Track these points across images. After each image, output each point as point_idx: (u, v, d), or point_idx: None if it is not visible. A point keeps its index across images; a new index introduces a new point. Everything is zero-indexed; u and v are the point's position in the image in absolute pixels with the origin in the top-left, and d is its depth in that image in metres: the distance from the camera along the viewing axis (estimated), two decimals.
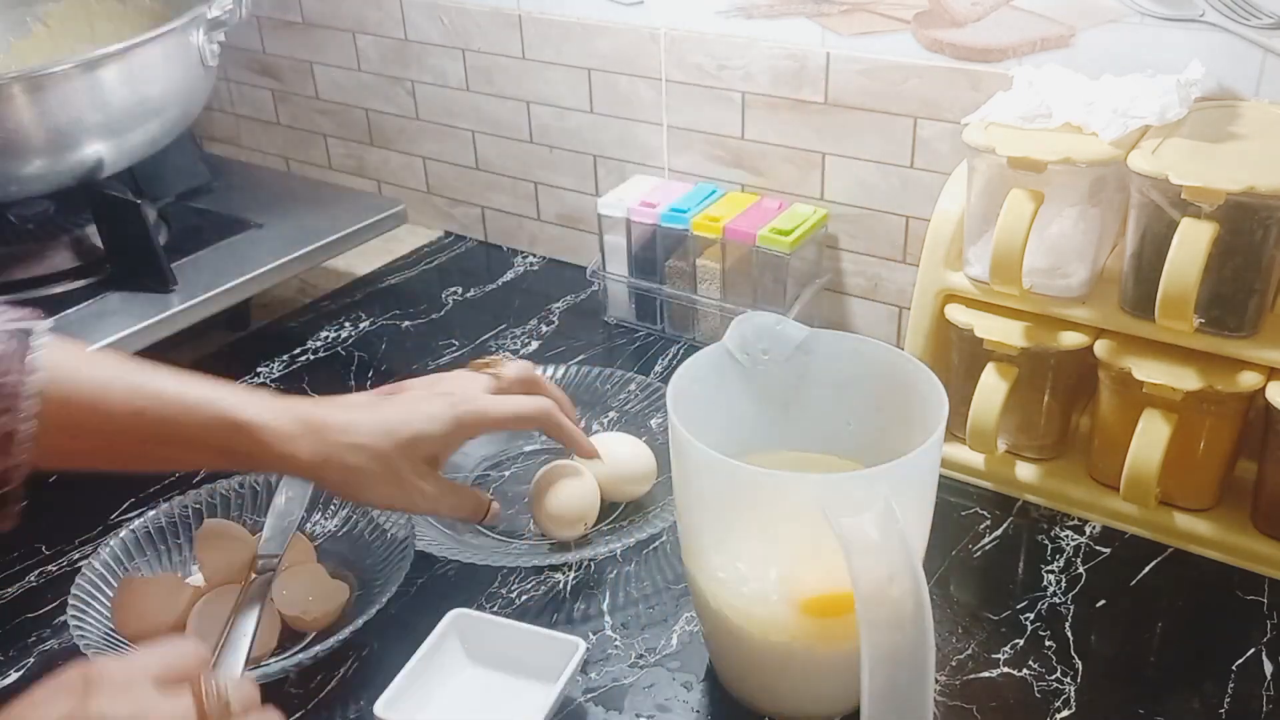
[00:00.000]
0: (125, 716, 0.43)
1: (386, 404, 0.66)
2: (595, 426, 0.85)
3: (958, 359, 0.79)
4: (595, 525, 0.76)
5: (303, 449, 0.61)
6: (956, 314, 0.77)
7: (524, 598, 0.70)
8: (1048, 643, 0.66)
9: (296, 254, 0.97)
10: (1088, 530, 0.75)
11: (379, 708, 0.59)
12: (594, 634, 0.67)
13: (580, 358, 0.96)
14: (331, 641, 0.63)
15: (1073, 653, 0.65)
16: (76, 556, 0.74)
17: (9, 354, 0.56)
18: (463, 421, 0.66)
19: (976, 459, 0.79)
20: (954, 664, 0.65)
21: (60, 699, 0.44)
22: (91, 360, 0.61)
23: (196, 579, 0.69)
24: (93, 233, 0.94)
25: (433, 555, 0.71)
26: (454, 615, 0.65)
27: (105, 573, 0.69)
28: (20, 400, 0.56)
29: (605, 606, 0.70)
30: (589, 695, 0.63)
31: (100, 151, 0.88)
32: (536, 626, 0.65)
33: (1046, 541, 0.74)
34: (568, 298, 1.07)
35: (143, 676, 0.45)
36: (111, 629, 0.66)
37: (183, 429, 0.60)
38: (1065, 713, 0.61)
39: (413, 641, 0.64)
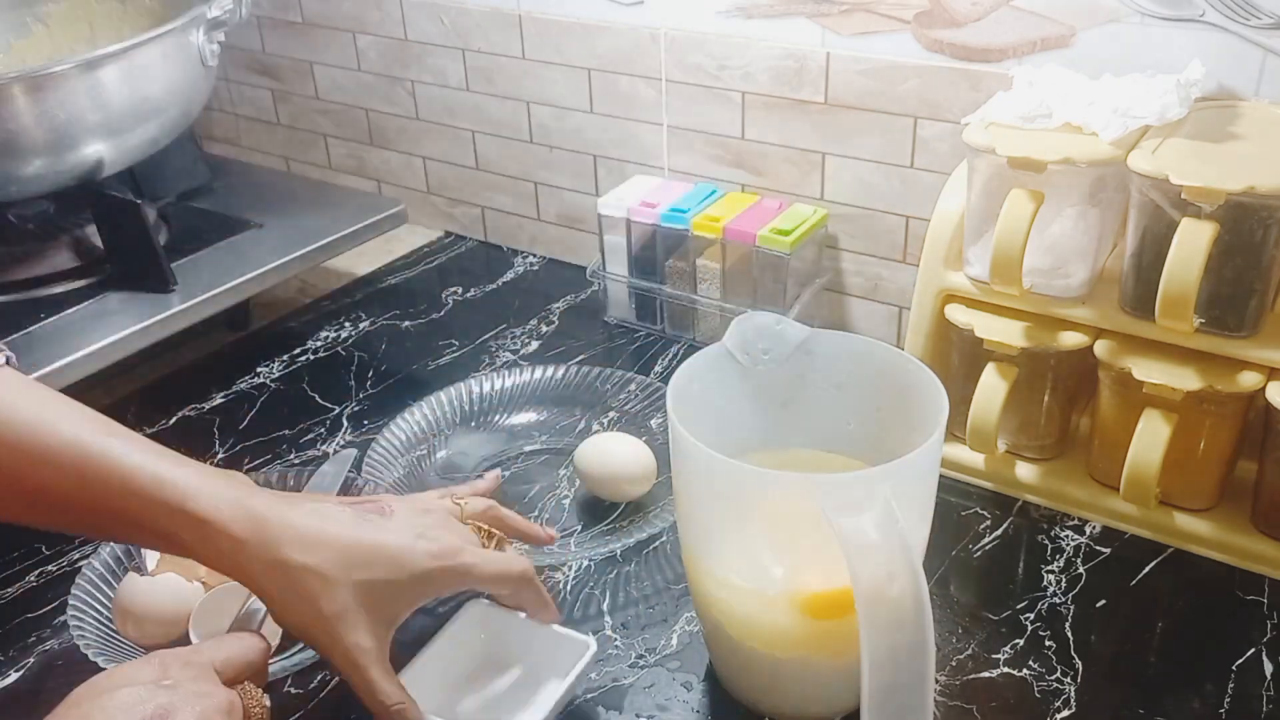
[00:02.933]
0: (194, 693, 0.48)
1: (357, 527, 0.57)
2: (595, 426, 0.85)
3: (958, 359, 0.79)
4: (595, 526, 0.76)
5: (250, 556, 0.54)
6: (956, 314, 0.77)
7: None
8: (1048, 643, 0.66)
9: (296, 254, 0.97)
10: (1088, 530, 0.75)
11: None
12: (594, 634, 0.67)
13: (580, 358, 0.96)
14: None
15: (1073, 653, 0.65)
16: (76, 556, 0.74)
17: None
18: (438, 579, 0.57)
19: (976, 459, 0.79)
20: (954, 664, 0.65)
21: (143, 670, 0.48)
22: (39, 408, 0.55)
23: (197, 587, 0.69)
24: (93, 233, 0.94)
25: None
26: (473, 605, 0.65)
27: (105, 573, 0.69)
28: None
29: (605, 606, 0.70)
30: (589, 695, 0.63)
31: (100, 151, 0.88)
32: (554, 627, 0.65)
33: (1046, 541, 0.74)
34: (568, 298, 1.07)
35: (208, 662, 0.50)
36: (112, 629, 0.65)
37: (127, 509, 0.54)
38: (1065, 713, 0.61)
39: (413, 641, 0.64)
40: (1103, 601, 0.69)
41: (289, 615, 0.55)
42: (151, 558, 0.69)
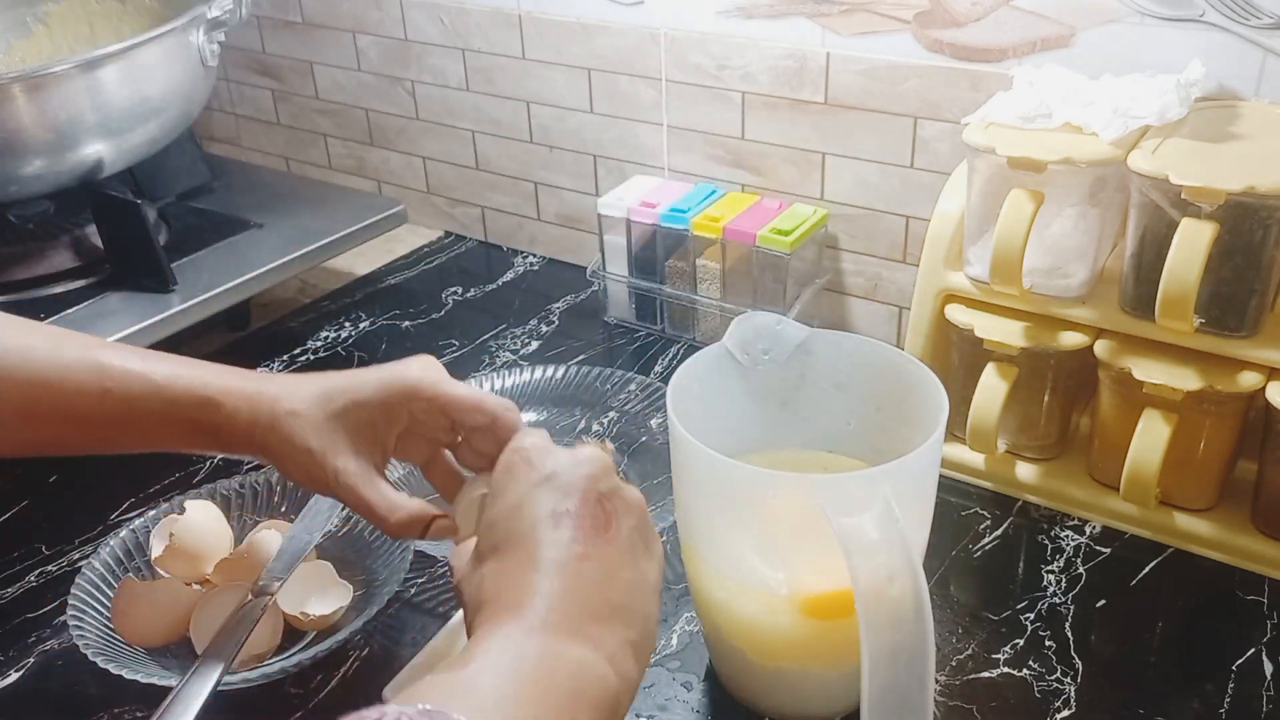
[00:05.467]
0: (567, 462, 0.50)
1: (323, 377, 0.60)
2: (595, 427, 0.85)
3: (958, 359, 0.79)
4: None
5: (255, 421, 0.58)
6: (956, 314, 0.77)
7: None
8: (1048, 643, 0.66)
9: (296, 254, 0.97)
10: (1088, 530, 0.75)
11: (388, 692, 0.59)
12: None
13: (580, 358, 0.96)
14: (330, 642, 0.63)
15: (1073, 653, 0.65)
16: (76, 556, 0.74)
17: None
18: (403, 389, 0.59)
19: (976, 459, 0.79)
20: (954, 664, 0.65)
21: (519, 474, 0.51)
22: (48, 340, 0.59)
23: (197, 588, 0.69)
24: (93, 233, 0.94)
25: (433, 555, 0.71)
26: None
27: (105, 573, 0.69)
28: None
29: None
30: None
31: (100, 151, 0.88)
32: None
33: (1046, 541, 0.74)
34: (568, 298, 1.07)
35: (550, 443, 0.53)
36: (111, 629, 0.66)
37: (149, 408, 0.58)
38: (1065, 713, 0.61)
39: (413, 641, 0.65)
40: (1103, 601, 0.69)
41: (292, 466, 0.58)
42: (156, 549, 0.69)
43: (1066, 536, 0.74)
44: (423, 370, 0.60)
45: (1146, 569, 0.72)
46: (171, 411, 0.58)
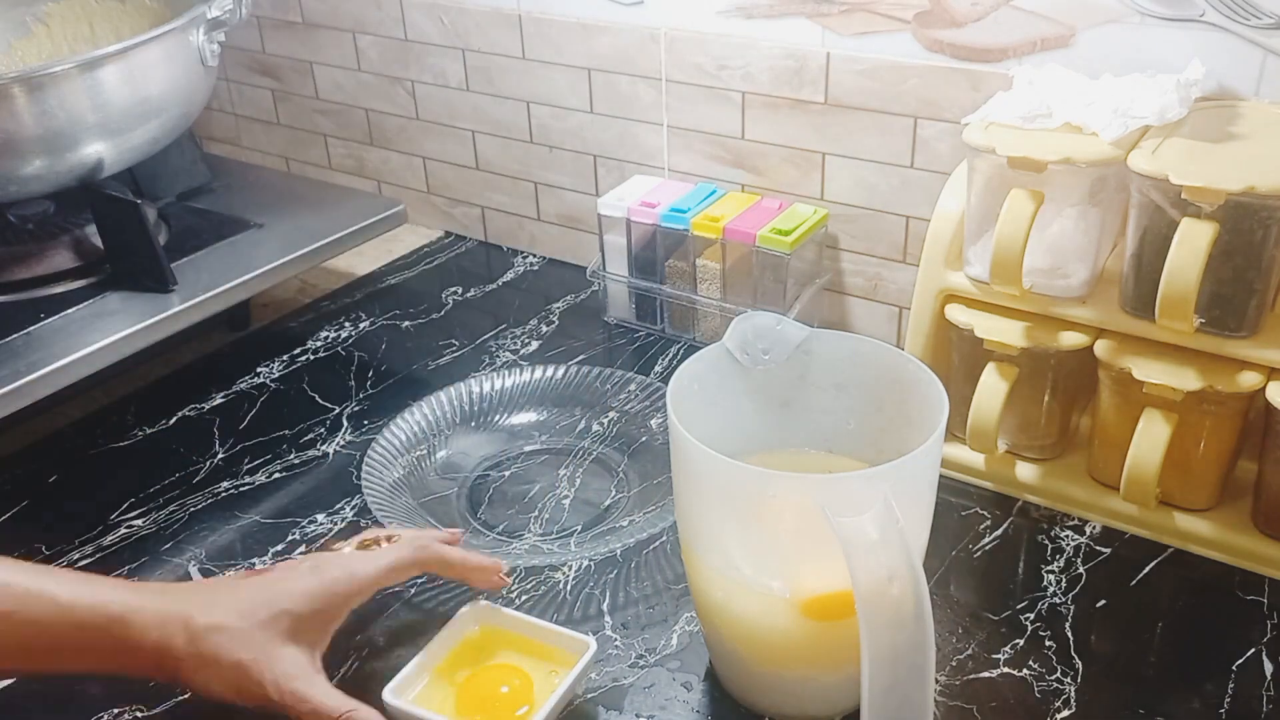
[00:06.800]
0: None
1: (247, 582, 0.59)
2: (595, 427, 0.85)
3: (958, 359, 0.79)
4: (595, 526, 0.76)
5: (176, 639, 0.55)
6: (956, 314, 0.77)
7: (524, 598, 0.70)
8: (1048, 643, 0.66)
9: (296, 254, 0.97)
10: (1088, 530, 0.75)
11: (387, 694, 0.59)
12: (594, 634, 0.67)
13: (580, 358, 0.96)
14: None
15: (1073, 653, 0.65)
16: (76, 556, 0.74)
17: None
18: (330, 593, 0.59)
19: (976, 459, 0.79)
20: (954, 664, 0.65)
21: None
22: None
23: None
24: (93, 233, 0.94)
25: None
26: (472, 605, 0.65)
27: None
28: None
29: (605, 606, 0.70)
30: (589, 695, 0.63)
31: (100, 151, 0.88)
32: (549, 623, 0.65)
33: (1046, 541, 0.74)
34: (568, 298, 1.07)
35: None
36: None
37: (59, 631, 0.55)
38: (1065, 713, 0.61)
39: (413, 641, 0.64)
40: (1103, 601, 0.69)
41: (218, 684, 0.56)
42: None
43: (1066, 536, 0.74)
44: (338, 572, 0.60)
45: (1146, 569, 0.72)
46: (80, 635, 0.55)
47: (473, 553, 0.66)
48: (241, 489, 0.80)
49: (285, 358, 0.98)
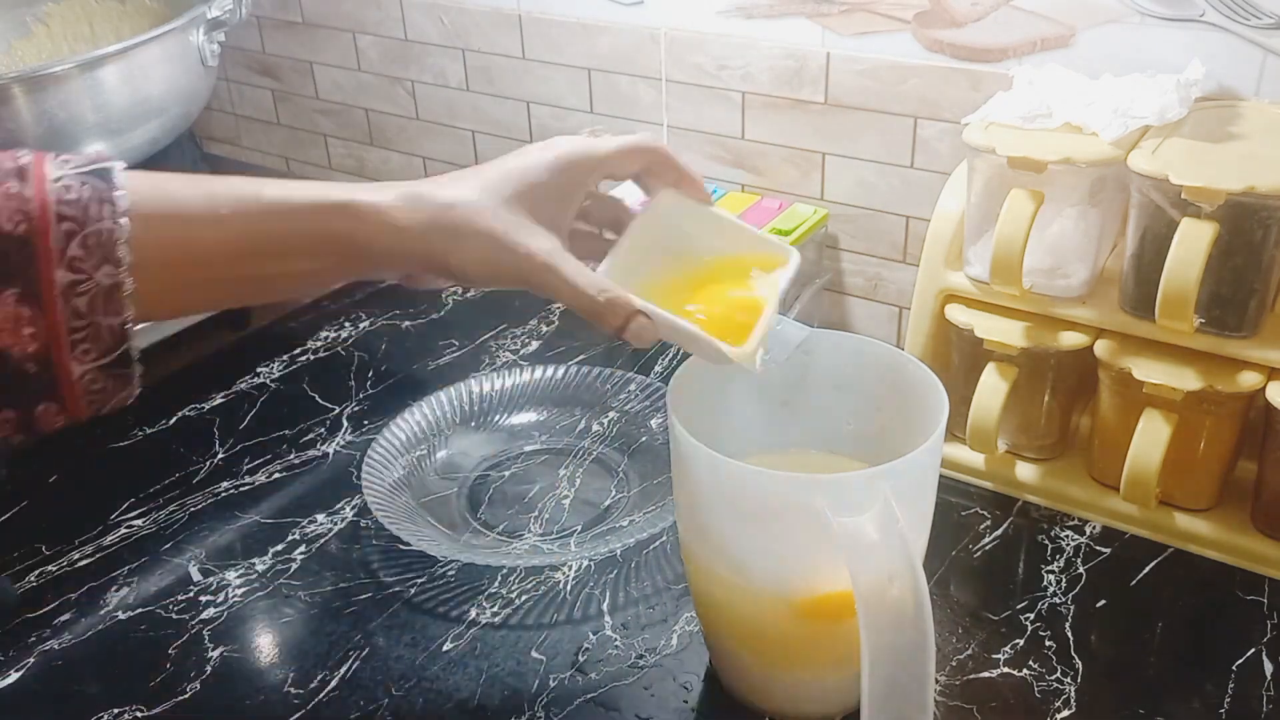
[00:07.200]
0: None
1: (483, 167, 0.58)
2: (595, 427, 0.85)
3: (958, 359, 0.79)
4: (595, 526, 0.76)
5: (402, 217, 0.53)
6: (956, 314, 0.77)
7: (524, 597, 0.70)
8: (1048, 643, 0.66)
9: None
10: (1088, 530, 0.75)
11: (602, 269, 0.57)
12: (594, 634, 0.67)
13: (580, 358, 0.96)
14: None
15: (1073, 653, 0.65)
16: (76, 556, 0.74)
17: (94, 199, 0.49)
18: (567, 160, 0.57)
19: (976, 459, 0.79)
20: (954, 664, 0.65)
21: None
22: (182, 188, 0.53)
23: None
24: None
25: (433, 555, 0.71)
26: (665, 194, 0.62)
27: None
28: (118, 248, 0.49)
29: (605, 606, 0.70)
30: (589, 695, 0.63)
31: (100, 151, 0.88)
32: (747, 224, 0.60)
33: (1046, 541, 0.74)
34: None
35: None
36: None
37: (287, 230, 0.53)
38: (1065, 713, 0.61)
39: (413, 641, 0.64)
40: (1103, 601, 0.69)
41: (468, 259, 0.54)
42: None
43: (1066, 536, 0.74)
44: (571, 144, 0.58)
45: (1146, 569, 0.72)
46: (297, 228, 0.53)
47: (691, 168, 0.62)
48: (241, 489, 0.80)
49: (285, 358, 0.98)
